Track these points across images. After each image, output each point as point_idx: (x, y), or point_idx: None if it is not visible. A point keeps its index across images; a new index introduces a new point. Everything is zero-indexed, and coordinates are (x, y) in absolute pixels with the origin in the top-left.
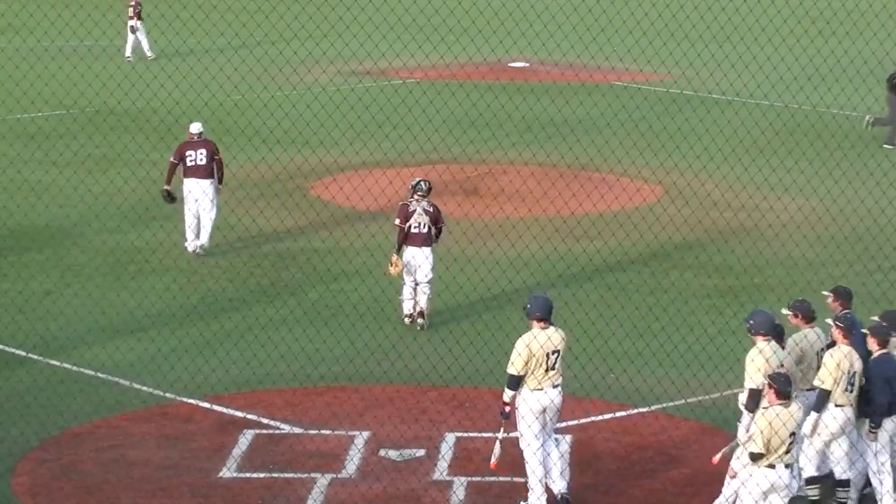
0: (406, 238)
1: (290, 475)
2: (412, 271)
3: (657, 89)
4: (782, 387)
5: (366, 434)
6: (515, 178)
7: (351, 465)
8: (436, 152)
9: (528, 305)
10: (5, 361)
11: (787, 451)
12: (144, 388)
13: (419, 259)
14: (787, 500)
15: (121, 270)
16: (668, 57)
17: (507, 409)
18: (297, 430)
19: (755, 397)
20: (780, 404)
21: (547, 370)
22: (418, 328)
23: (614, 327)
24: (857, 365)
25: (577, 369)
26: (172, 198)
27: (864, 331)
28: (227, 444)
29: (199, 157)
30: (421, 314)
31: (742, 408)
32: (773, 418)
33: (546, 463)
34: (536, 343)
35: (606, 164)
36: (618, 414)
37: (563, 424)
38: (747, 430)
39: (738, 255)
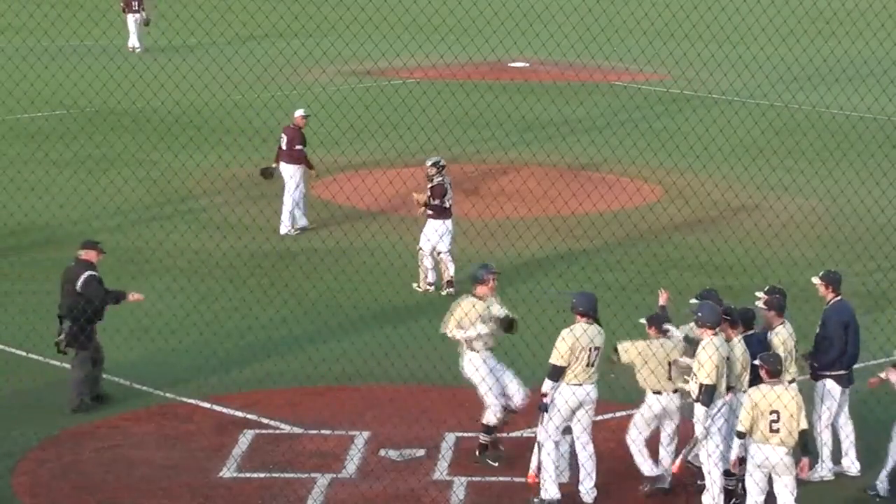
0: (438, 213)
1: (290, 475)
2: (441, 243)
3: (657, 89)
4: (772, 366)
5: (366, 434)
6: (515, 178)
7: (351, 465)
8: (436, 152)
9: (574, 301)
10: (5, 361)
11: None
12: (144, 388)
13: (445, 230)
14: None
15: (121, 270)
16: (668, 57)
17: (546, 399)
18: (297, 430)
19: (710, 392)
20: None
21: (588, 365)
22: (450, 294)
23: (614, 327)
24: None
25: None
26: (267, 175)
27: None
28: (227, 444)
29: (283, 141)
30: (450, 282)
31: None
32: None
33: (565, 461)
34: (584, 335)
35: (606, 164)
36: (618, 414)
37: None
38: (703, 425)
39: (738, 255)
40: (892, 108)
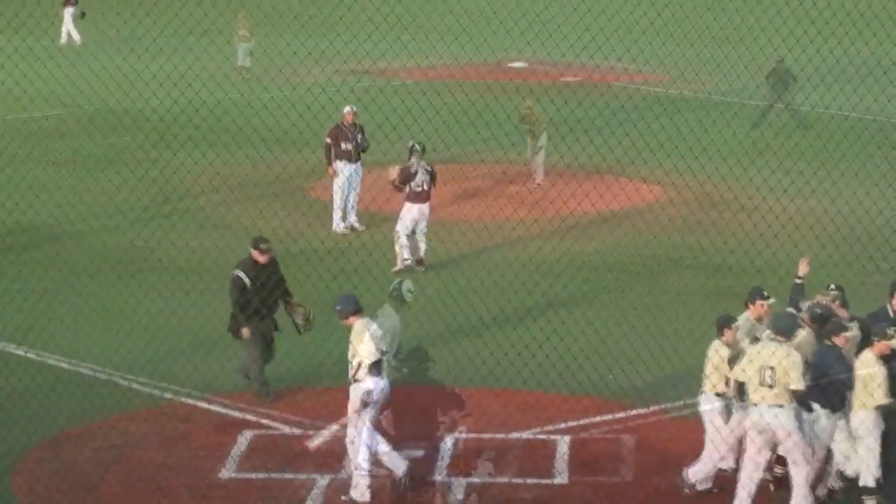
0: (408, 197)
1: (290, 475)
2: (411, 226)
3: (657, 89)
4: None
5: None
6: (515, 178)
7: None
8: (436, 152)
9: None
10: (5, 361)
11: None
12: (144, 389)
13: (419, 214)
14: None
15: (121, 270)
16: (667, 57)
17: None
18: (297, 431)
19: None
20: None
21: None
22: (421, 271)
23: (614, 327)
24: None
25: (577, 369)
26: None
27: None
28: (227, 445)
29: (333, 139)
30: (420, 261)
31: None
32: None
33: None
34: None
35: (606, 164)
36: (618, 414)
37: (564, 425)
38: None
39: (737, 256)
40: (892, 108)
